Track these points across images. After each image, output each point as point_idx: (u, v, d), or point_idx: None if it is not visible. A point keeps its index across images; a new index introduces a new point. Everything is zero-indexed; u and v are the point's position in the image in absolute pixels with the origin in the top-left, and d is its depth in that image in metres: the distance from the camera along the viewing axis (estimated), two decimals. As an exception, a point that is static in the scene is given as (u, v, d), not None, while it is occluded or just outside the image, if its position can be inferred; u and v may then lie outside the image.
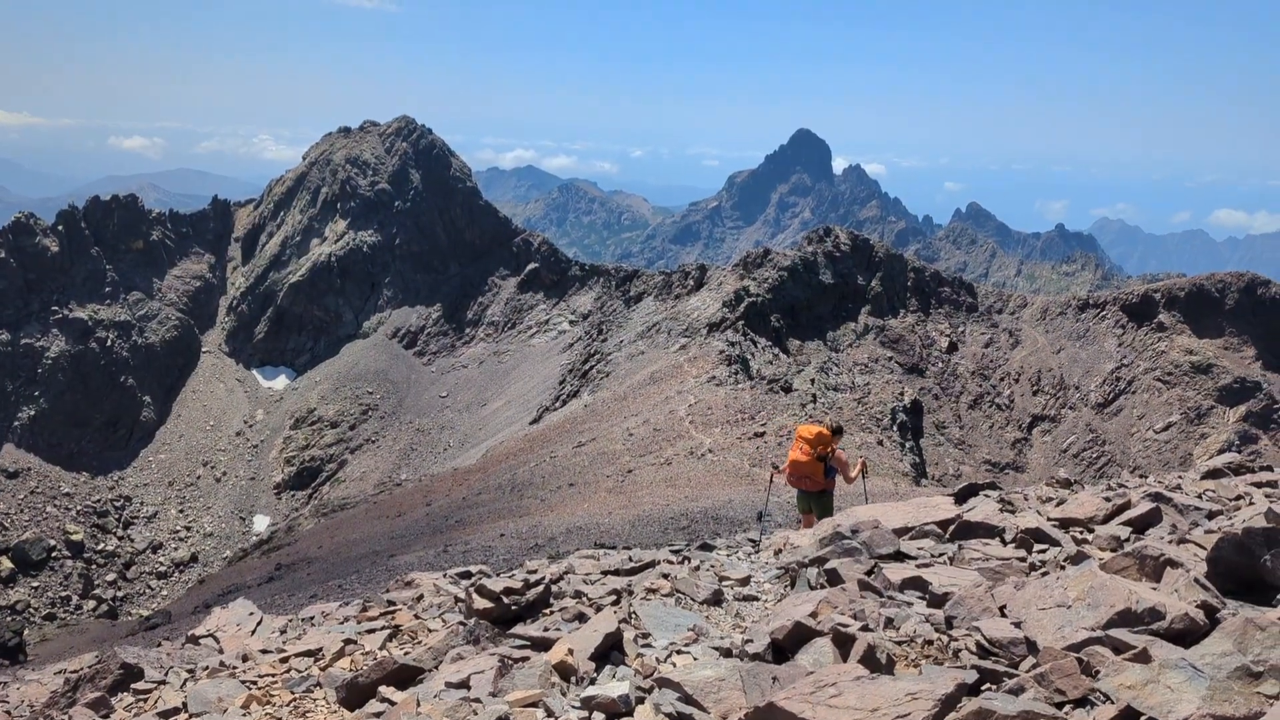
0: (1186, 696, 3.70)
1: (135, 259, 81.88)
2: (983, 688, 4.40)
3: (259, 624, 9.55)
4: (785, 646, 5.38)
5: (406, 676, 6.15)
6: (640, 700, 4.97)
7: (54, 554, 59.13)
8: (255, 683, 6.88)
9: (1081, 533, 8.10)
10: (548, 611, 7.40)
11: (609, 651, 5.89)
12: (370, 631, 7.91)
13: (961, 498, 11.11)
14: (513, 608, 7.30)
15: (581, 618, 6.92)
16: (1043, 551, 7.52)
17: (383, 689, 5.97)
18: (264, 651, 7.85)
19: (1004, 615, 5.47)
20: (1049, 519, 8.53)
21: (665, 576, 8.47)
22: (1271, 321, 67.09)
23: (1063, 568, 6.59)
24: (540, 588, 7.57)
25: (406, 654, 6.72)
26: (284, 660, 7.35)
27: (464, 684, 5.64)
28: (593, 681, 5.49)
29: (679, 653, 5.89)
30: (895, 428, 42.06)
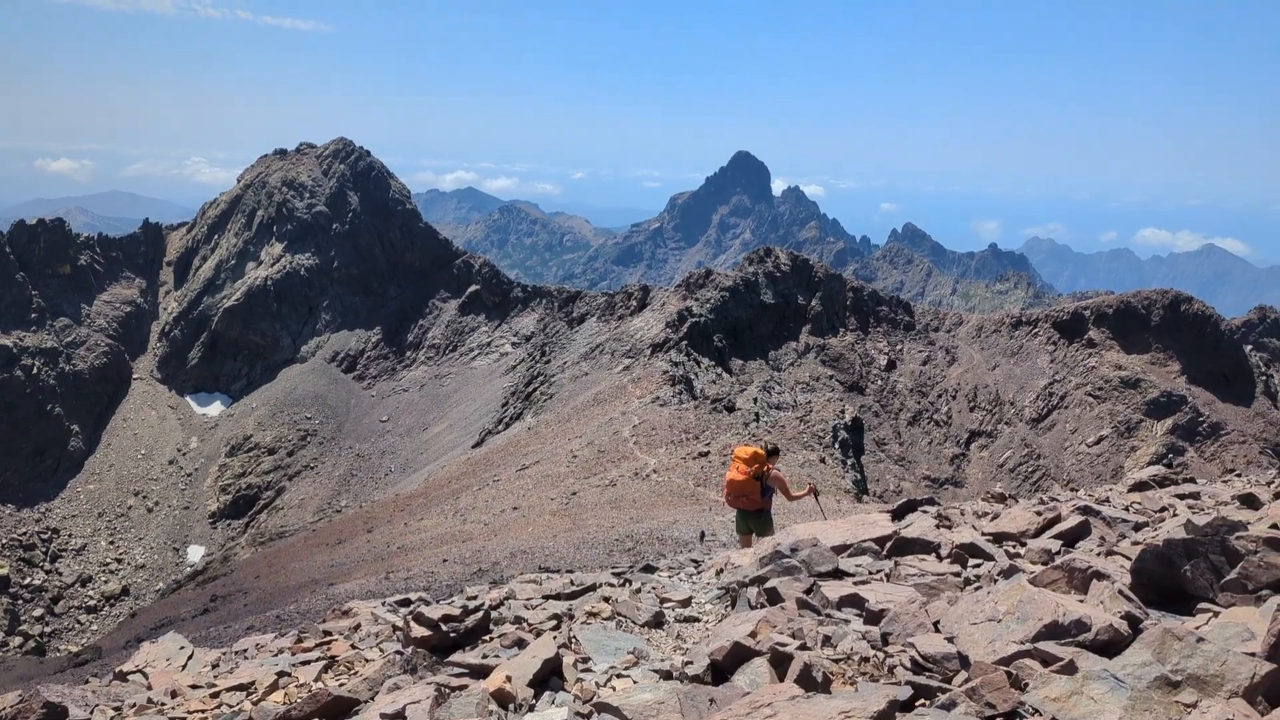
0: (1109, 707, 3.79)
1: (62, 284, 79.70)
2: (917, 703, 4.45)
3: (190, 658, 9.28)
4: (725, 667, 5.39)
5: (341, 709, 6.03)
6: (579, 726, 4.93)
7: (-24, 590, 56.99)
8: (184, 719, 6.69)
9: (1014, 547, 8.25)
10: (487, 638, 7.32)
11: (548, 677, 5.83)
12: (305, 663, 7.73)
13: (899, 514, 11.26)
14: (451, 635, 7.20)
15: (521, 644, 6.85)
16: (977, 566, 7.64)
17: (316, 722, 5.84)
18: (194, 687, 7.63)
19: (938, 630, 5.54)
20: (983, 534, 8.68)
21: (606, 600, 8.43)
22: (1194, 337, 69.36)
23: (995, 582, 6.71)
24: (479, 614, 7.48)
25: (342, 685, 6.59)
26: (215, 695, 7.15)
27: (399, 715, 5.53)
28: (531, 708, 5.44)
29: (619, 676, 5.86)
30: (837, 445, 42.48)
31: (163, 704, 7.30)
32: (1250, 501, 8.48)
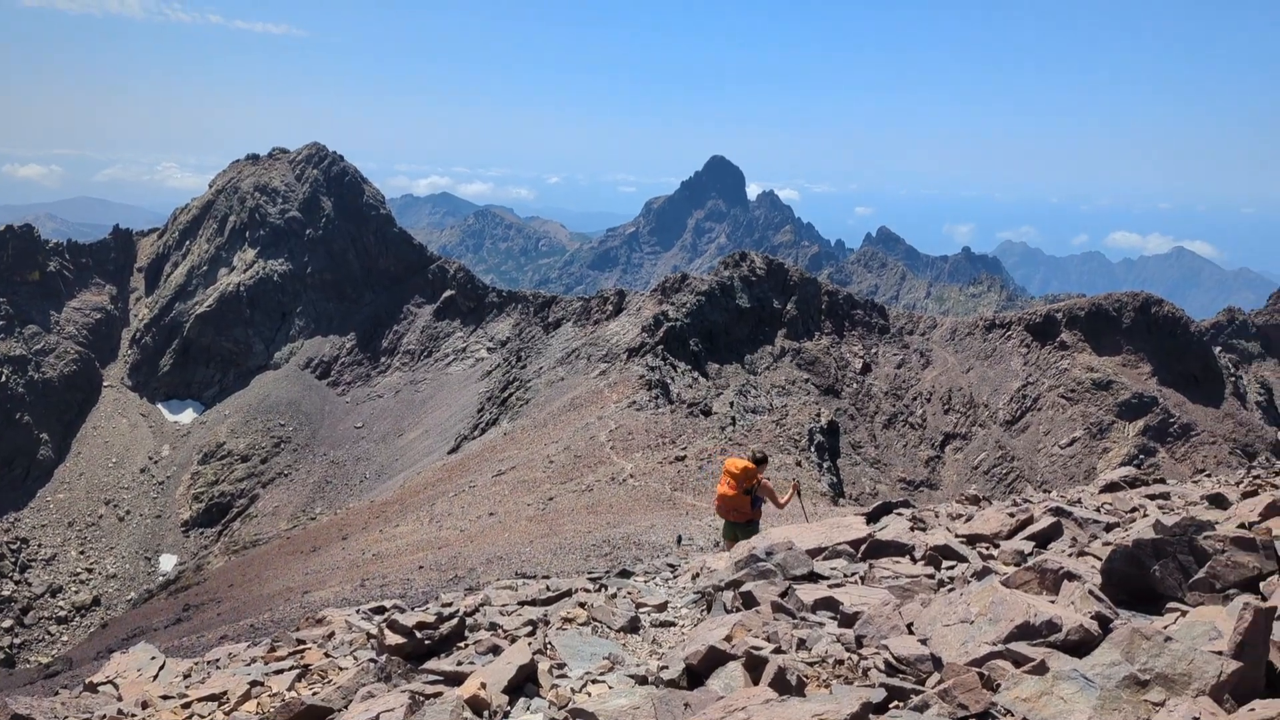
0: (1079, 706, 3.83)
1: (31, 291, 78.69)
2: (891, 705, 4.47)
3: (161, 668, 9.16)
4: (700, 671, 5.39)
5: (315, 718, 5.98)
6: (554, 732, 4.92)
7: (-57, 602, 56.07)
8: (155, 731, 6.61)
9: (988, 548, 8.31)
10: (462, 645, 7.28)
11: (523, 684, 5.81)
12: (278, 672, 7.66)
13: (874, 517, 11.32)
14: (426, 642, 7.16)
15: (496, 650, 6.83)
16: (951, 568, 7.69)
17: (289, 732, 5.79)
18: (165, 697, 7.54)
19: (911, 632, 5.57)
20: (957, 535, 8.74)
21: (582, 605, 8.41)
22: (1165, 338, 70.18)
23: (968, 584, 6.75)
24: (454, 621, 7.44)
25: (315, 694, 6.53)
26: (186, 706, 7.06)
27: (373, 723, 5.50)
28: (506, 715, 5.42)
29: (594, 682, 5.85)
30: (813, 448, 42.63)
31: (133, 715, 7.22)
32: (1219, 501, 8.60)
